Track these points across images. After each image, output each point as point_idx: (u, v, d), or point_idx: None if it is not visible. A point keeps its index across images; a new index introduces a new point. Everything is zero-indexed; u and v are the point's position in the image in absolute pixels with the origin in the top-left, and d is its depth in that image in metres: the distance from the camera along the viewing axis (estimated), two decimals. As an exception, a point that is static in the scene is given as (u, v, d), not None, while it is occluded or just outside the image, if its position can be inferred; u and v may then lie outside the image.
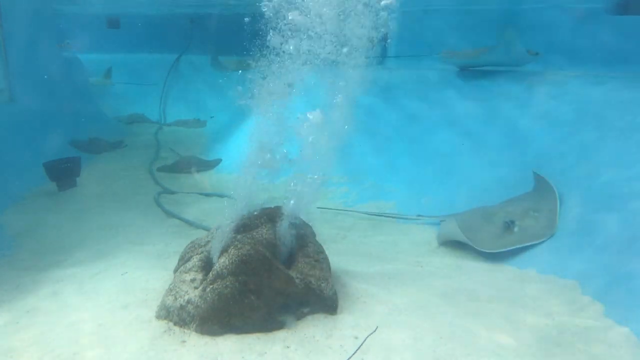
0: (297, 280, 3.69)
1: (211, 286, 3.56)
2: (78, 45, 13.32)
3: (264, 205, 4.28)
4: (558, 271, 4.57)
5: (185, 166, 9.25)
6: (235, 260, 3.60)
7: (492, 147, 7.03)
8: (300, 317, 3.66)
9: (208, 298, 3.51)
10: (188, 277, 3.86)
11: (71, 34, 13.25)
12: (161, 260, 4.95)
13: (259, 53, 3.71)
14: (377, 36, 3.88)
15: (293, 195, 4.00)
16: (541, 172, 5.81)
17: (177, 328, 3.56)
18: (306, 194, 3.98)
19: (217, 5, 13.81)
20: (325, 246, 4.23)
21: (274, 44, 3.67)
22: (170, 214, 6.71)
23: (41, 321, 3.79)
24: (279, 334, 3.49)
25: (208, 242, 4.15)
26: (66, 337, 3.48)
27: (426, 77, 8.83)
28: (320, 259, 3.98)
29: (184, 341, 3.42)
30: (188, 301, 3.59)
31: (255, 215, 4.13)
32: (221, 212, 4.14)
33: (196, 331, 3.50)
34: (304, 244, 4.06)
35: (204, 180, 8.75)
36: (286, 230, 3.99)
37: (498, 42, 7.65)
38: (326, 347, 3.34)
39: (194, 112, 14.29)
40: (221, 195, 7.60)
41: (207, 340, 3.42)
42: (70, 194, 7.58)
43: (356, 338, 3.44)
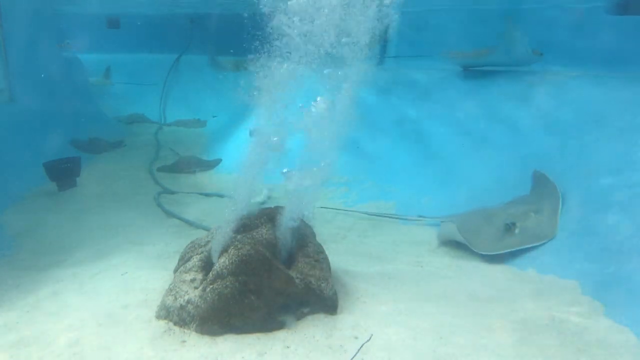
0: (297, 280, 3.69)
1: (211, 286, 3.57)
2: (78, 45, 13.30)
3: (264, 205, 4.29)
4: (558, 271, 4.57)
5: (185, 166, 9.26)
6: (235, 260, 3.60)
7: (493, 148, 7.03)
8: (300, 317, 3.66)
9: (208, 298, 3.52)
10: (188, 277, 3.86)
11: (71, 34, 13.23)
12: (161, 260, 4.95)
13: (258, 53, 3.70)
14: (377, 36, 3.85)
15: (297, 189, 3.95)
16: (543, 169, 5.80)
17: (177, 328, 3.56)
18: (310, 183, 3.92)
19: (217, 5, 13.80)
20: (325, 246, 4.23)
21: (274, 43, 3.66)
22: (170, 214, 6.71)
23: (41, 321, 3.79)
24: (279, 334, 3.49)
25: (208, 242, 4.15)
26: (66, 337, 3.48)
27: (427, 77, 8.82)
28: (320, 259, 3.99)
29: (184, 341, 3.42)
30: (188, 301, 3.59)
31: (255, 215, 4.13)
32: (221, 212, 4.14)
33: (196, 331, 3.50)
34: (304, 244, 4.06)
35: (204, 180, 8.75)
36: (286, 230, 3.99)
37: (503, 42, 7.61)
38: (326, 347, 3.34)
39: (194, 112, 14.29)
40: (221, 195, 7.60)
41: (207, 340, 3.43)
42: (70, 194, 7.58)
43: (356, 338, 3.44)
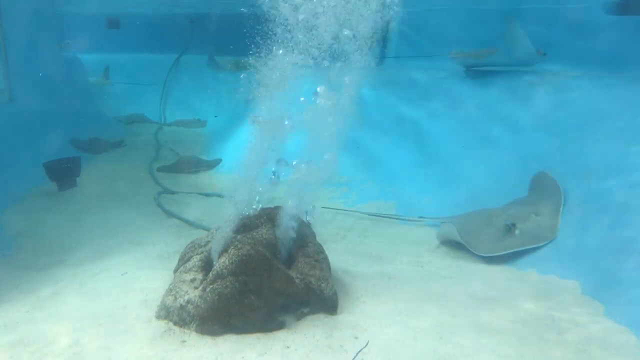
0: (297, 280, 3.69)
1: (211, 286, 3.57)
2: (78, 45, 13.30)
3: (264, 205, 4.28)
4: (558, 271, 4.57)
5: (185, 166, 9.26)
6: (235, 260, 3.60)
7: (493, 148, 7.02)
8: (300, 317, 3.66)
9: (208, 298, 3.51)
10: (188, 277, 3.86)
11: (71, 34, 13.23)
12: (161, 260, 4.95)
13: (257, 53, 3.70)
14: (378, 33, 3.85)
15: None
16: (543, 169, 5.80)
17: (177, 328, 3.56)
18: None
19: (217, 5, 13.80)
20: (325, 246, 4.23)
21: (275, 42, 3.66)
22: (170, 214, 6.71)
23: (41, 321, 3.79)
24: (279, 334, 3.49)
25: (208, 242, 4.15)
26: (66, 337, 3.48)
27: (427, 78, 8.82)
28: (320, 259, 3.99)
29: (184, 341, 3.42)
30: (188, 301, 3.59)
31: (255, 215, 4.13)
32: (221, 212, 4.14)
33: (196, 331, 3.50)
34: (304, 244, 4.06)
35: (204, 180, 8.75)
36: (286, 230, 3.99)
37: (507, 42, 7.60)
38: (326, 347, 3.34)
39: (193, 112, 14.29)
40: (221, 195, 7.60)
41: (207, 340, 3.43)
42: (70, 194, 7.59)
43: (356, 338, 3.44)
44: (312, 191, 4.06)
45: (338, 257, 4.57)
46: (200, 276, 3.85)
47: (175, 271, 4.24)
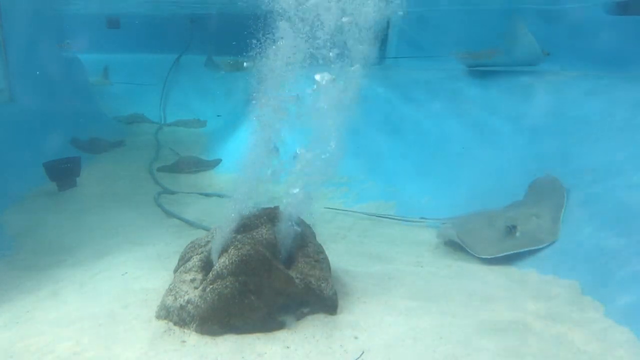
0: (297, 280, 3.69)
1: (211, 286, 3.56)
2: (78, 45, 13.30)
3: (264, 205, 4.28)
4: (558, 271, 4.57)
5: (185, 166, 9.26)
6: (235, 260, 3.60)
7: (494, 148, 7.01)
8: (300, 317, 3.66)
9: (208, 298, 3.51)
10: (188, 277, 3.86)
11: (71, 34, 13.23)
12: (161, 260, 4.95)
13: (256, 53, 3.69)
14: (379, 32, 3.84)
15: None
16: (542, 172, 5.80)
17: (177, 328, 3.56)
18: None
19: (217, 4, 13.80)
20: (325, 246, 4.23)
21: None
22: (170, 214, 6.71)
23: (41, 321, 3.79)
24: (279, 334, 3.49)
25: (208, 242, 4.15)
26: (66, 337, 3.48)
27: (428, 78, 8.82)
28: (320, 259, 3.99)
29: (184, 341, 3.42)
30: (188, 301, 3.59)
31: (255, 215, 4.13)
32: (221, 212, 4.13)
33: (196, 331, 3.50)
34: (304, 244, 4.06)
35: (204, 180, 8.75)
36: (286, 230, 3.99)
37: (512, 42, 7.59)
38: (326, 347, 3.34)
39: (192, 113, 14.29)
40: (221, 195, 7.60)
41: (207, 340, 3.42)
42: (70, 194, 7.59)
43: (356, 338, 3.44)
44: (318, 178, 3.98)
45: (338, 257, 4.57)
46: (200, 276, 3.85)
47: (175, 271, 4.24)
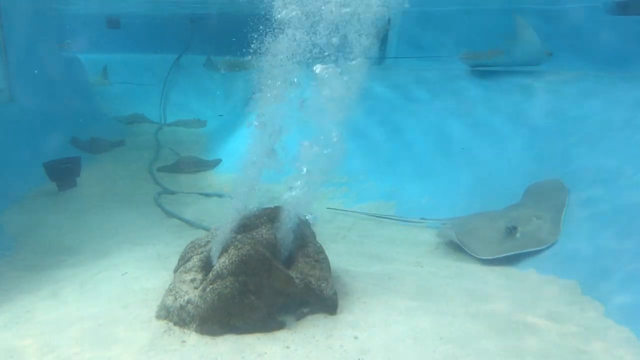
0: (297, 280, 3.69)
1: (211, 286, 3.56)
2: (78, 45, 13.30)
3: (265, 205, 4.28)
4: (558, 271, 4.57)
5: (185, 166, 9.27)
6: (235, 260, 3.60)
7: (494, 150, 7.02)
8: (300, 317, 3.66)
9: (208, 298, 3.51)
10: (188, 277, 3.86)
11: (71, 34, 13.23)
12: (161, 260, 4.95)
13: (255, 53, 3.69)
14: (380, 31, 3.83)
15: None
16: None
17: (177, 328, 3.56)
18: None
19: (217, 4, 13.81)
20: (325, 246, 4.22)
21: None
22: (170, 214, 6.71)
23: (41, 321, 3.79)
24: (279, 334, 3.49)
25: (208, 242, 4.15)
26: (66, 337, 3.48)
27: (427, 78, 8.83)
28: (320, 259, 3.98)
29: (184, 341, 3.42)
30: (188, 301, 3.59)
31: (255, 215, 4.13)
32: (221, 212, 4.13)
33: (196, 331, 3.49)
34: (304, 244, 4.06)
35: (204, 180, 8.75)
36: (286, 230, 3.99)
37: (517, 42, 7.58)
38: (326, 347, 3.34)
39: (191, 113, 14.29)
40: (221, 195, 7.60)
41: (207, 340, 3.42)
42: (70, 194, 7.59)
43: (356, 338, 3.44)
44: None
45: (338, 257, 4.56)
46: (200, 276, 3.84)
47: (175, 271, 4.24)
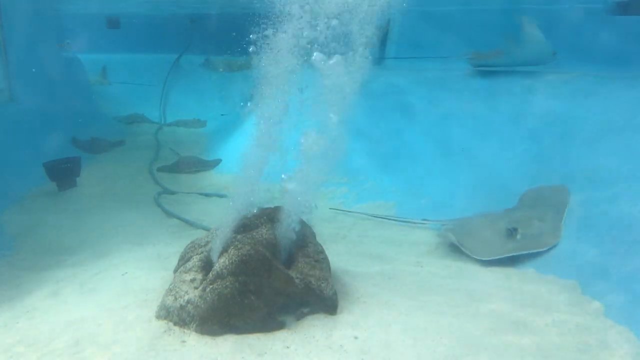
0: (297, 280, 3.69)
1: (211, 286, 3.56)
2: (78, 45, 13.30)
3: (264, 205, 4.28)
4: (558, 271, 4.57)
5: (185, 166, 9.27)
6: (235, 260, 3.60)
7: (494, 151, 7.01)
8: (300, 317, 3.66)
9: (208, 298, 3.51)
10: (188, 277, 3.86)
11: (71, 34, 13.23)
12: (161, 260, 4.95)
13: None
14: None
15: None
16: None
17: (177, 328, 3.56)
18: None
19: (217, 4, 13.81)
20: (325, 246, 4.22)
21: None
22: (170, 214, 6.71)
23: (41, 321, 3.79)
24: (279, 334, 3.49)
25: (208, 242, 4.15)
26: (66, 337, 3.48)
27: (427, 78, 8.82)
28: (320, 259, 3.98)
29: (184, 341, 3.42)
30: (188, 301, 3.59)
31: (255, 215, 4.13)
32: (221, 212, 4.13)
33: (196, 331, 3.49)
34: (304, 244, 4.06)
35: (204, 180, 8.75)
36: (286, 230, 3.99)
37: (523, 42, 7.58)
38: (326, 347, 3.34)
39: (194, 112, 14.29)
40: (221, 195, 7.60)
41: (207, 340, 3.42)
42: (70, 194, 7.59)
43: (356, 338, 3.44)
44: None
45: (338, 257, 4.56)
46: (200, 276, 3.84)
47: (175, 271, 4.24)
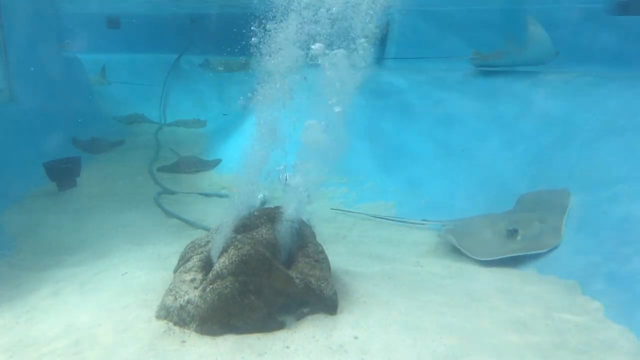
0: (297, 280, 3.69)
1: (211, 286, 3.56)
2: (78, 45, 13.30)
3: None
4: (558, 271, 4.57)
5: (185, 166, 9.27)
6: (235, 260, 3.60)
7: (494, 151, 7.02)
8: (300, 317, 3.66)
9: (208, 298, 3.51)
10: (188, 277, 3.86)
11: (71, 34, 13.23)
12: (161, 260, 4.95)
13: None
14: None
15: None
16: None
17: (177, 328, 3.56)
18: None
19: (217, 4, 13.80)
20: (325, 246, 4.22)
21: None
22: (170, 214, 6.71)
23: (41, 321, 3.79)
24: (279, 334, 3.49)
25: (208, 242, 4.15)
26: (66, 337, 3.48)
27: (427, 78, 8.83)
28: (320, 259, 3.98)
29: (184, 341, 3.42)
30: (188, 301, 3.59)
31: (255, 215, 4.13)
32: (221, 212, 4.13)
33: (196, 331, 3.49)
34: (304, 244, 4.06)
35: (204, 180, 8.76)
36: (286, 230, 3.99)
37: (526, 42, 7.58)
38: (326, 347, 3.34)
39: (194, 112, 14.30)
40: (221, 195, 7.61)
41: (207, 340, 3.42)
42: (70, 194, 7.59)
43: (356, 338, 3.44)
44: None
45: (338, 257, 4.56)
46: (200, 276, 3.84)
47: (175, 271, 4.24)
